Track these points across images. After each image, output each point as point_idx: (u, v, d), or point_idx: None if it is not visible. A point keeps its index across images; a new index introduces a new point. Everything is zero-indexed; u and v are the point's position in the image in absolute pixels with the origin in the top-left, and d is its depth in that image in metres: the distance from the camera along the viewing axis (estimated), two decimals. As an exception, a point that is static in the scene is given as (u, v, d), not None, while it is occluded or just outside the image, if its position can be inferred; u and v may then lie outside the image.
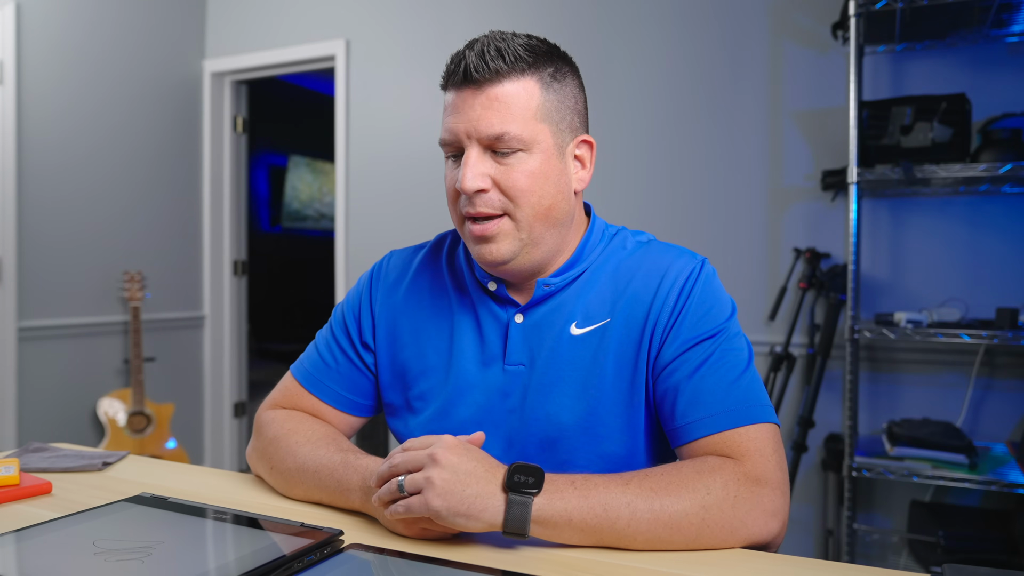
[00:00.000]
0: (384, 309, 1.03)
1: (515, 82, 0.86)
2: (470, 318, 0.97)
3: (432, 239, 1.08)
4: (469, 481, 0.73)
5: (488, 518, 0.72)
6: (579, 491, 0.74)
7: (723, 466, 0.79)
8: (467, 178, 0.85)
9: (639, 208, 2.70)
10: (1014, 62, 2.22)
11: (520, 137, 0.86)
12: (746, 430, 0.83)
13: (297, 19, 3.46)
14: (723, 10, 2.60)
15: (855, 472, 2.02)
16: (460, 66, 0.86)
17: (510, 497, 0.72)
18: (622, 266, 0.95)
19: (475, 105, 0.86)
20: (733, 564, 0.73)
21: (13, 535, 0.74)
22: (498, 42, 0.86)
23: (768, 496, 0.78)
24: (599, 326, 0.92)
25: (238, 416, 3.82)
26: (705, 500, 0.75)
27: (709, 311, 0.90)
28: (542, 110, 0.87)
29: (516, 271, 0.92)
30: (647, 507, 0.74)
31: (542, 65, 0.88)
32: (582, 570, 0.70)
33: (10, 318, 2.87)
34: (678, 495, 0.75)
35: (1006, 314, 1.97)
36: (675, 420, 0.87)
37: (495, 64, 0.85)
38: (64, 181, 3.06)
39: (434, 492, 0.72)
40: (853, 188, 2.08)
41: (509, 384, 0.93)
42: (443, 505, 0.72)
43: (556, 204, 0.90)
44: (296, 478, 0.90)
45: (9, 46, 2.84)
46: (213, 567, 0.67)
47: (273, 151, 5.52)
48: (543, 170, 0.88)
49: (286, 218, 5.61)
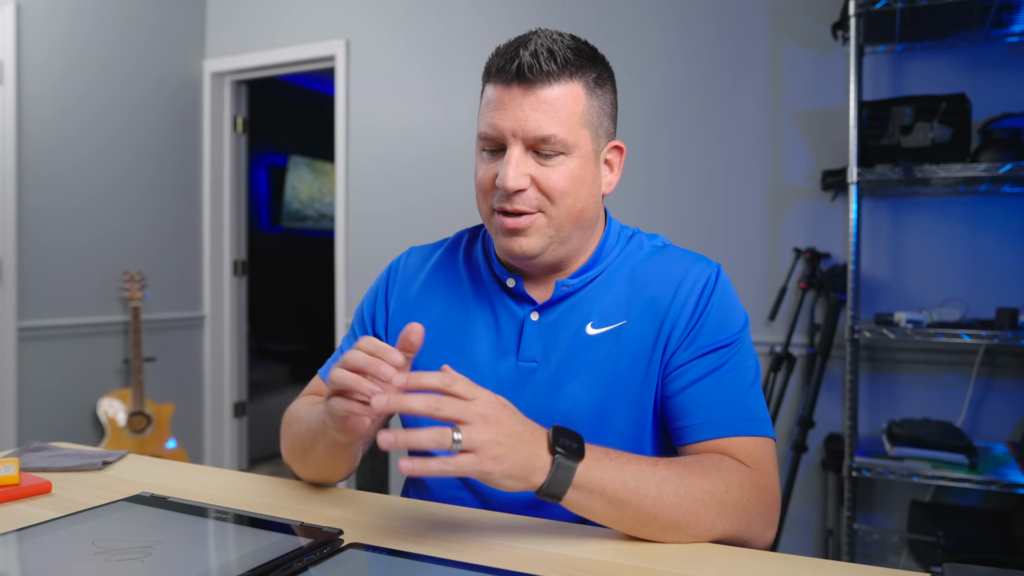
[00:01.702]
0: (399, 304, 1.05)
1: (564, 86, 0.87)
2: (486, 313, 0.99)
3: (451, 237, 1.10)
4: (519, 444, 0.72)
5: (535, 480, 0.72)
6: (615, 463, 0.76)
7: (739, 469, 0.82)
8: (510, 177, 0.86)
9: (639, 208, 2.70)
10: (1014, 62, 2.22)
11: (564, 141, 0.87)
12: (752, 440, 0.86)
13: (297, 19, 3.46)
14: (723, 10, 2.60)
15: (855, 472, 2.02)
16: (513, 63, 0.86)
17: (557, 460, 0.73)
18: (639, 269, 0.97)
19: (523, 105, 0.87)
20: (733, 564, 0.73)
21: (13, 535, 0.74)
22: (549, 43, 0.87)
23: (771, 508, 0.83)
24: (615, 327, 0.93)
25: (238, 416, 3.82)
26: (724, 497, 0.79)
27: (725, 320, 0.92)
28: (585, 116, 0.89)
29: (539, 265, 0.94)
30: (673, 491, 0.76)
31: (588, 70, 0.89)
32: (583, 570, 0.70)
33: (10, 318, 2.87)
34: (701, 485, 0.78)
35: (1006, 314, 1.97)
36: (683, 419, 0.89)
37: (548, 66, 0.86)
38: (64, 181, 3.06)
39: (488, 455, 0.69)
40: (853, 188, 2.08)
41: (521, 379, 0.95)
42: (497, 468, 0.70)
43: (588, 207, 0.92)
44: (299, 442, 0.94)
45: (9, 46, 2.84)
46: (213, 567, 0.67)
47: (273, 151, 5.52)
48: (580, 174, 0.89)
49: (286, 218, 5.61)
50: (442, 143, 3.12)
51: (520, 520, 0.84)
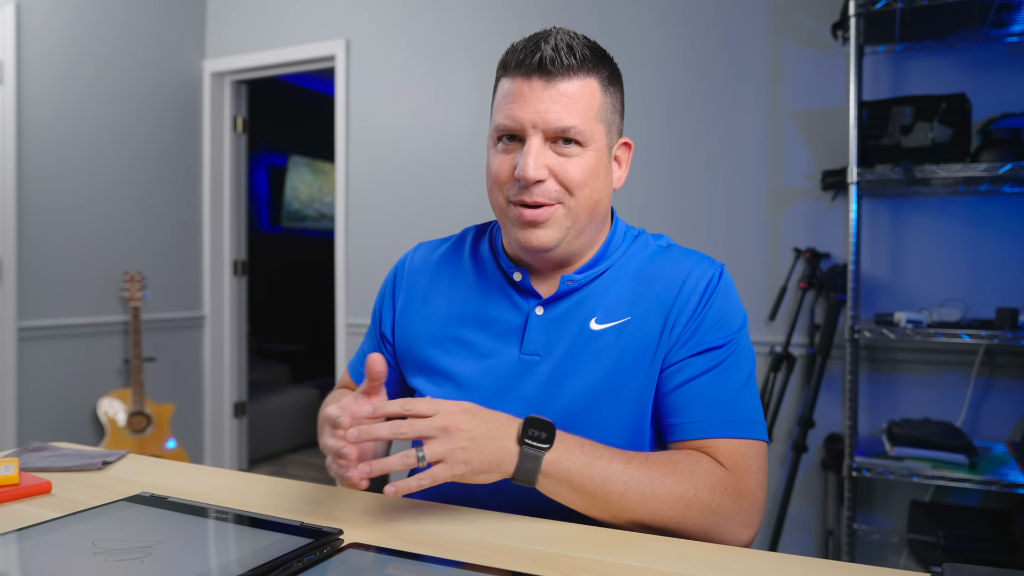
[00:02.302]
0: (406, 300, 1.07)
1: (582, 80, 0.90)
2: (491, 306, 1.00)
3: (457, 233, 1.12)
4: (485, 442, 0.78)
5: (505, 469, 0.80)
6: (585, 456, 0.82)
7: (714, 472, 0.85)
8: (530, 167, 0.88)
9: (640, 208, 2.70)
10: (1014, 62, 2.22)
11: (583, 132, 0.90)
12: (739, 443, 0.88)
13: (297, 19, 3.46)
14: (723, 10, 2.60)
15: (855, 472, 2.02)
16: (534, 56, 0.89)
17: (523, 450, 0.79)
18: (644, 267, 0.98)
19: (544, 97, 0.88)
20: (733, 564, 0.73)
21: (13, 535, 0.74)
22: (568, 39, 0.90)
23: (746, 511, 0.86)
24: (619, 323, 0.95)
25: (238, 416, 3.82)
26: (692, 501, 0.83)
27: (724, 319, 0.93)
28: (600, 111, 0.92)
29: (550, 259, 0.96)
30: (639, 489, 0.81)
31: (602, 67, 0.93)
32: (583, 570, 0.70)
33: (10, 318, 2.87)
34: (669, 487, 0.82)
35: (1006, 314, 1.97)
36: (673, 416, 0.91)
37: (568, 60, 0.89)
38: (64, 181, 3.06)
39: (455, 460, 0.77)
40: (853, 188, 2.08)
41: (523, 372, 0.96)
42: (467, 469, 0.77)
43: (602, 200, 0.94)
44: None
45: (9, 46, 2.84)
46: (213, 567, 0.67)
47: (273, 151, 5.52)
48: (596, 167, 0.92)
49: (286, 218, 5.61)
50: (442, 143, 3.12)
51: (520, 520, 0.84)
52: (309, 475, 4.02)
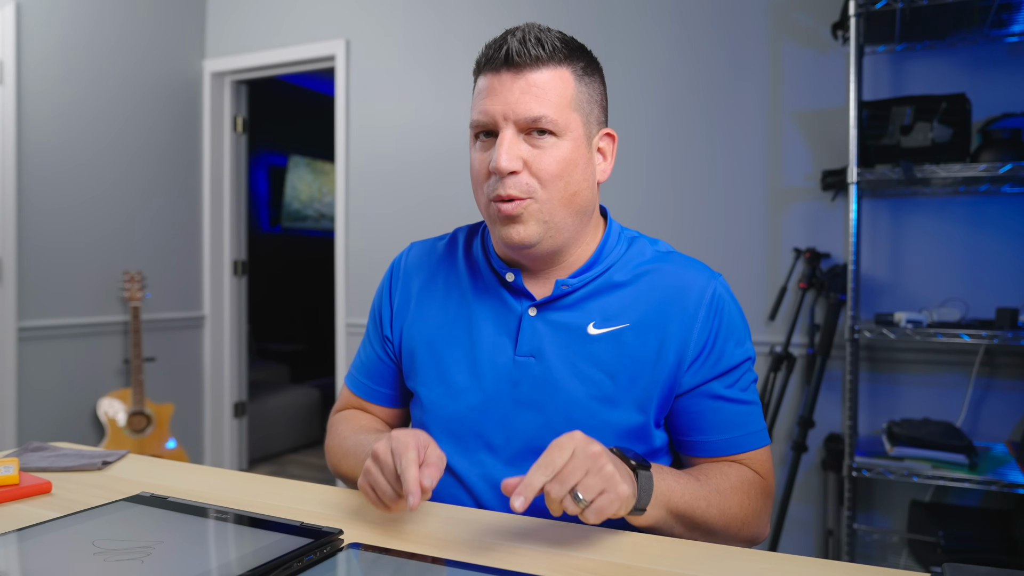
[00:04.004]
0: (402, 300, 1.07)
1: (552, 70, 0.89)
2: (484, 307, 1.00)
3: (449, 233, 1.11)
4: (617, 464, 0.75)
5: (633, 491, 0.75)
6: (671, 475, 0.85)
7: (754, 481, 0.93)
8: (502, 158, 0.88)
9: (639, 208, 2.70)
10: (1014, 62, 2.22)
11: (555, 122, 0.89)
12: (762, 452, 0.96)
13: (297, 19, 3.46)
14: (723, 10, 2.60)
15: (855, 472, 2.02)
16: (501, 50, 0.89)
17: (640, 473, 0.77)
18: (642, 273, 0.97)
19: (514, 89, 0.89)
20: (734, 564, 0.73)
21: (13, 535, 0.74)
22: (538, 32, 0.90)
23: (770, 508, 0.96)
24: (617, 329, 0.94)
25: (238, 416, 3.82)
26: (749, 509, 0.90)
27: (739, 338, 0.96)
28: (575, 100, 0.91)
29: (537, 256, 0.95)
30: (717, 503, 0.87)
31: (576, 58, 0.92)
32: (583, 570, 0.70)
33: (10, 318, 2.87)
34: (735, 501, 0.89)
35: (1006, 314, 1.97)
36: (700, 434, 0.95)
37: (536, 51, 0.89)
38: (64, 181, 3.06)
39: (615, 483, 0.72)
40: (853, 188, 2.08)
41: (519, 373, 0.95)
42: (629, 489, 0.73)
43: (581, 191, 0.93)
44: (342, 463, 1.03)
45: (9, 46, 2.84)
46: (213, 567, 0.67)
47: (273, 151, 5.51)
48: (572, 157, 0.91)
49: (286, 218, 5.60)
50: (442, 143, 3.12)
51: (520, 520, 0.84)
52: (309, 475, 4.02)
